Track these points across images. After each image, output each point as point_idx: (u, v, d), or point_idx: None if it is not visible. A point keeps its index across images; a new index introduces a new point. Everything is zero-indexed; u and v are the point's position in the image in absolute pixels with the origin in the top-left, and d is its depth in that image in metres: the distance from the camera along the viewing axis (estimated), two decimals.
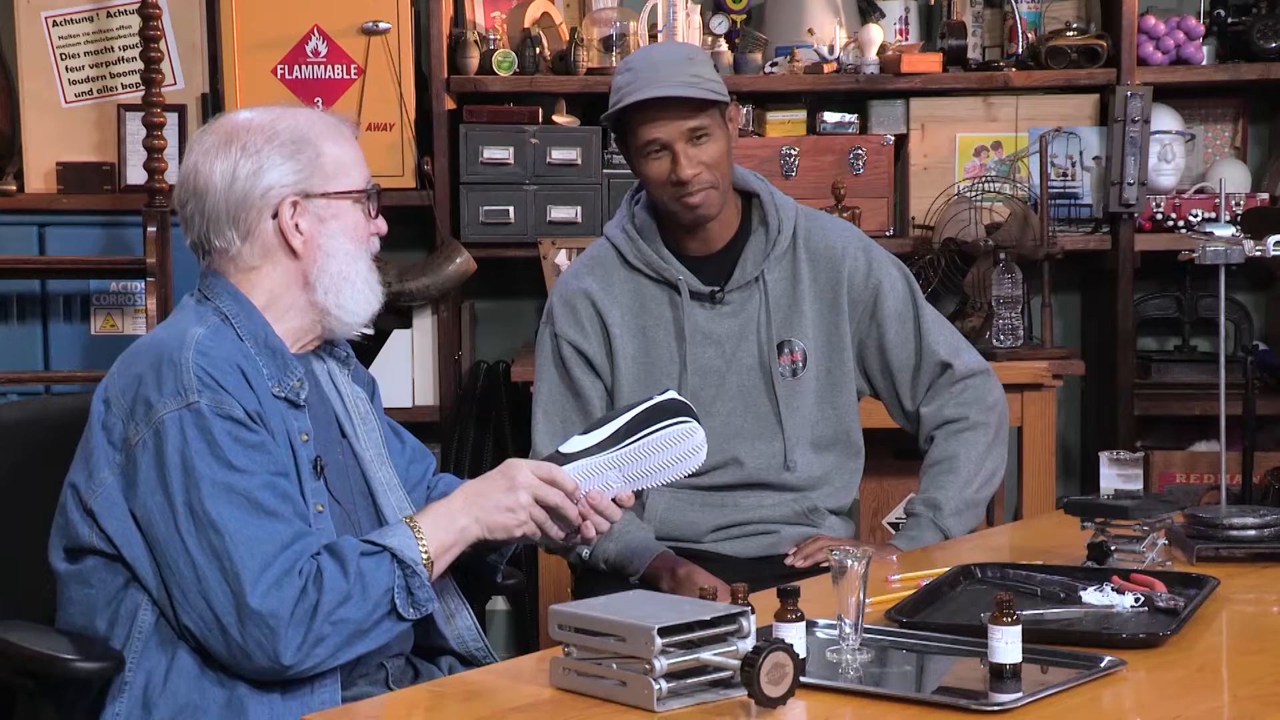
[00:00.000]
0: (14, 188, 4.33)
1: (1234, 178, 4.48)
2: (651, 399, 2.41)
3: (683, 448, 2.39)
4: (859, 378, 3.02)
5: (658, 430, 2.38)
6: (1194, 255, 2.61)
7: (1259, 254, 2.60)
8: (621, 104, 2.86)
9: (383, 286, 2.39)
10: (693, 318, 2.95)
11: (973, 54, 4.46)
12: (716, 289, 2.95)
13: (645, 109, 2.85)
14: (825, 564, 2.82)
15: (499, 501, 2.28)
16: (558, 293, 3.01)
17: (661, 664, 1.86)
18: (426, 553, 2.22)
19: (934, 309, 3.05)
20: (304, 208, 2.29)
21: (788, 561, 2.89)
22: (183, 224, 2.32)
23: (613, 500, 2.36)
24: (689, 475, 2.44)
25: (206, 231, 2.29)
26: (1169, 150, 4.43)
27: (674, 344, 2.95)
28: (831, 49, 4.36)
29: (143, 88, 4.13)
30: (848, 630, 2.04)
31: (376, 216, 2.37)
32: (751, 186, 2.99)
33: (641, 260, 2.96)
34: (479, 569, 2.52)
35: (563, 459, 2.34)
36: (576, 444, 2.38)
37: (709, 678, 1.90)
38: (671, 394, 2.43)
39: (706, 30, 4.42)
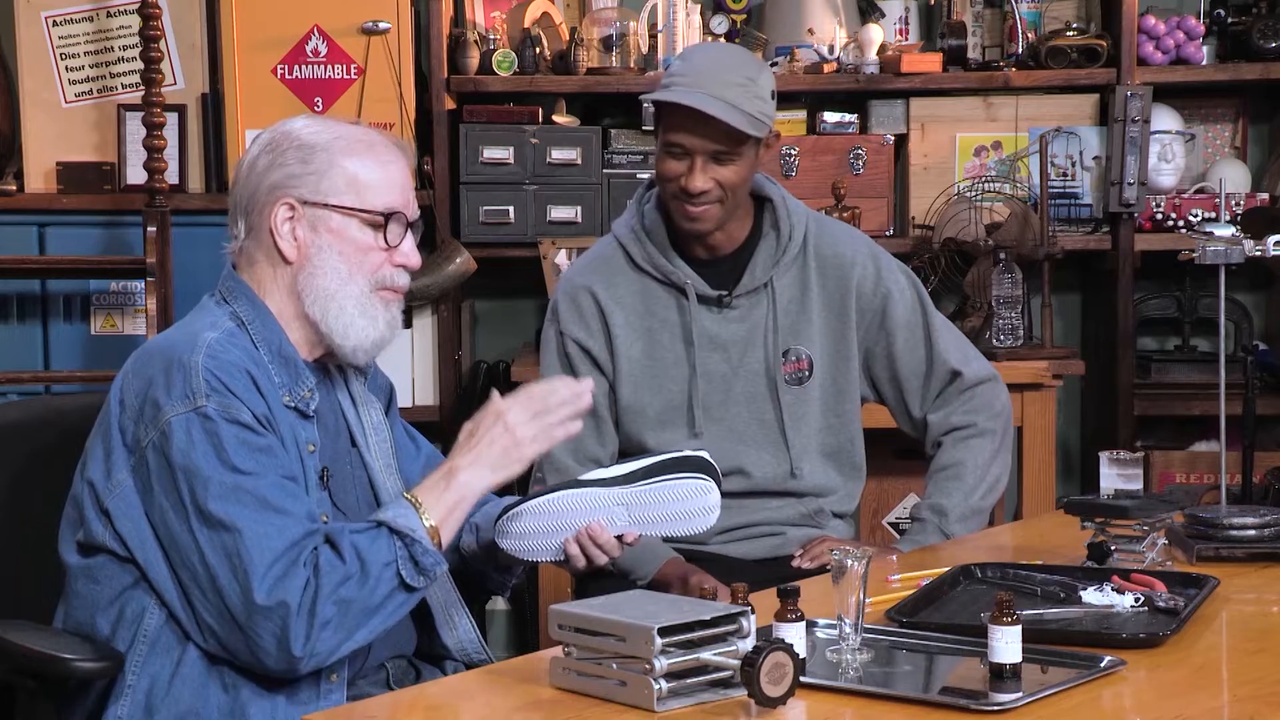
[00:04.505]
0: (14, 188, 4.32)
1: (1234, 178, 4.48)
2: (682, 450, 2.42)
3: (694, 505, 2.38)
4: (864, 385, 3.00)
5: (673, 480, 2.37)
6: (1194, 255, 2.62)
7: (1259, 254, 2.60)
8: (659, 97, 2.82)
9: (393, 322, 2.33)
10: (700, 322, 2.93)
11: (973, 54, 4.46)
12: (724, 293, 2.93)
13: (680, 111, 2.80)
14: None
15: (493, 436, 2.25)
16: (562, 289, 2.99)
17: (661, 664, 1.86)
18: (429, 521, 2.20)
19: (943, 316, 3.03)
20: (301, 214, 2.28)
21: (795, 563, 2.86)
22: None
23: (617, 538, 2.36)
24: (697, 534, 2.43)
25: (230, 217, 2.34)
26: (1169, 150, 4.42)
27: (680, 348, 2.93)
28: (831, 49, 4.36)
29: (143, 88, 4.12)
30: (848, 630, 2.04)
31: (396, 246, 2.31)
32: (765, 191, 2.96)
33: (649, 262, 2.93)
34: (488, 586, 2.52)
35: (578, 485, 2.36)
36: (593, 474, 2.39)
37: (709, 678, 1.90)
38: (703, 454, 2.41)
39: (706, 30, 4.41)
